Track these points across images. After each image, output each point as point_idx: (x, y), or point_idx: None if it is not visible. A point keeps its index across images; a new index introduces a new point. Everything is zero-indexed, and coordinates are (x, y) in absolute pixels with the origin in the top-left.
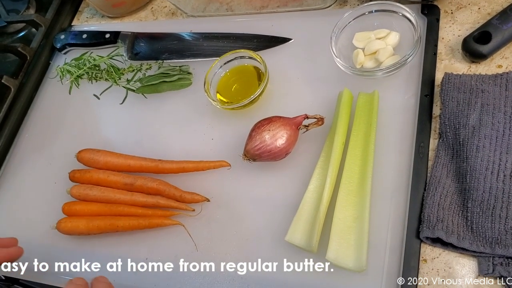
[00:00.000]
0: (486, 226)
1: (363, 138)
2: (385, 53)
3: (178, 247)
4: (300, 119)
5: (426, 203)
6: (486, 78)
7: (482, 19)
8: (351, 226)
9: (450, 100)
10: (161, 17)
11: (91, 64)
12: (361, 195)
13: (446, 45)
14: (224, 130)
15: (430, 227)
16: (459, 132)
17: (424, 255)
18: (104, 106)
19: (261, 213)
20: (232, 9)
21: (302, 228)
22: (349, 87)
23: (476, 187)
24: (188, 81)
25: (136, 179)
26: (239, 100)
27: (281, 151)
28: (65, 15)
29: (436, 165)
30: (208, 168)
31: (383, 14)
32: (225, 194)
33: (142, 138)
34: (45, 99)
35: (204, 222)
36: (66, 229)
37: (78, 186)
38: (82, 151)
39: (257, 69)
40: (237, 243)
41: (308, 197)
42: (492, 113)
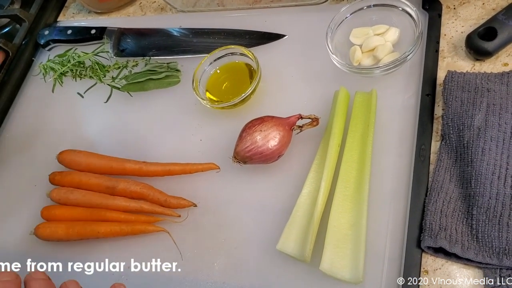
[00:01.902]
0: (493, 235)
1: (360, 140)
2: (384, 50)
3: (162, 255)
4: (293, 119)
5: (428, 210)
6: (492, 76)
7: (486, 15)
8: (347, 234)
9: (454, 100)
10: (149, 12)
11: (76, 61)
12: (358, 200)
13: (449, 42)
14: (213, 131)
15: (432, 235)
16: (463, 133)
17: (425, 266)
18: (88, 105)
19: (252, 219)
20: (224, 4)
21: (294, 236)
22: (346, 85)
23: (482, 193)
24: (176, 78)
25: (119, 182)
26: (230, 99)
27: (273, 153)
28: (50, 10)
29: (438, 169)
30: (196, 171)
31: (382, 8)
32: (213, 199)
33: (127, 138)
34: (27, 98)
35: (190, 229)
36: (45, 235)
37: (58, 189)
38: (63, 152)
39: (249, 66)
40: (226, 252)
41: (302, 202)
42: (498, 114)
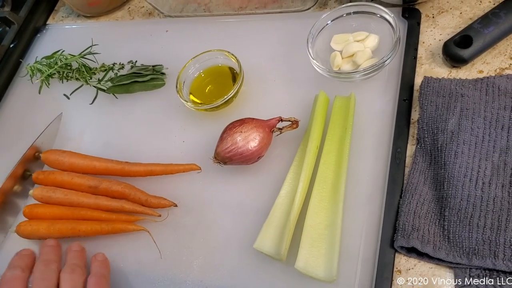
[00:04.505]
0: (463, 235)
1: (338, 142)
2: (363, 55)
3: (142, 254)
4: (274, 122)
5: (402, 211)
6: (466, 82)
7: (463, 24)
8: (322, 234)
9: (429, 104)
10: (138, 17)
11: (63, 63)
12: (334, 201)
13: (427, 49)
14: (196, 133)
15: (405, 236)
16: (437, 137)
17: (398, 266)
18: (74, 106)
19: (231, 219)
20: (210, 10)
21: (271, 236)
22: (326, 90)
23: (454, 194)
24: (161, 81)
25: (101, 182)
26: (213, 101)
27: (253, 154)
28: (39, 14)
29: (413, 171)
30: (177, 172)
31: (362, 16)
32: (193, 199)
33: (111, 139)
34: (14, 99)
35: (170, 228)
36: (26, 233)
37: (41, 188)
38: (47, 151)
39: (232, 70)
40: (204, 251)
41: (279, 203)
42: (471, 118)
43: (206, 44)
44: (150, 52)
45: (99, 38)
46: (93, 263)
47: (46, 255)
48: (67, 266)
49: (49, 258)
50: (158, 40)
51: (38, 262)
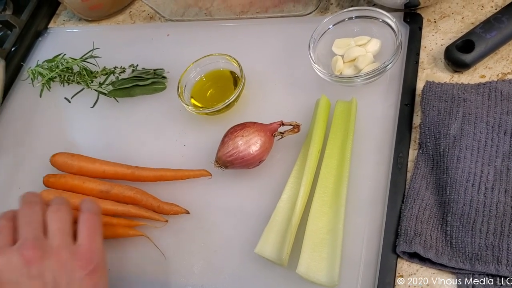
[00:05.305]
0: (466, 241)
1: (339, 147)
2: (364, 60)
3: (142, 259)
4: (275, 126)
5: (404, 216)
6: (468, 87)
7: (465, 29)
8: (324, 239)
9: (431, 109)
10: (139, 21)
11: (64, 66)
12: (336, 206)
13: (429, 54)
14: (197, 137)
15: (407, 241)
16: (439, 142)
17: (400, 271)
18: (75, 110)
19: (232, 223)
20: (212, 14)
21: (273, 240)
22: (327, 94)
23: (456, 200)
24: (162, 85)
25: (113, 187)
26: (214, 105)
27: (254, 158)
28: (41, 18)
29: (415, 176)
30: (188, 177)
31: (364, 20)
32: (194, 203)
33: (112, 143)
34: (15, 102)
35: (171, 233)
36: None
37: (47, 191)
38: (56, 154)
39: (234, 74)
40: (205, 255)
41: (281, 207)
42: (474, 123)
43: (207, 48)
44: (151, 56)
45: (100, 42)
46: (81, 204)
47: (28, 198)
48: (51, 206)
49: (32, 200)
50: (159, 44)
51: (21, 207)
